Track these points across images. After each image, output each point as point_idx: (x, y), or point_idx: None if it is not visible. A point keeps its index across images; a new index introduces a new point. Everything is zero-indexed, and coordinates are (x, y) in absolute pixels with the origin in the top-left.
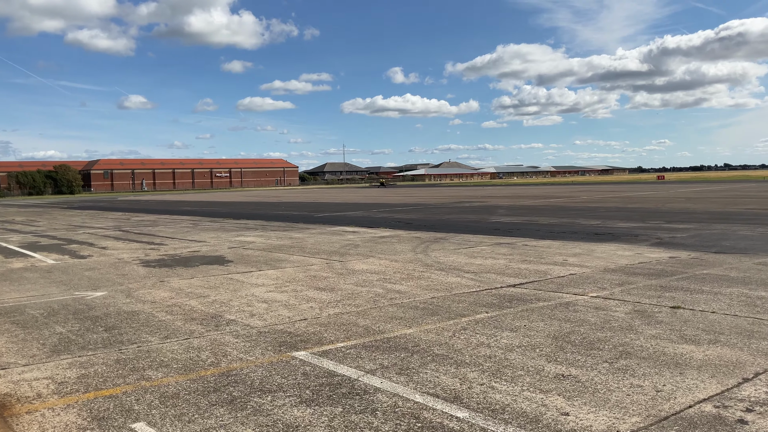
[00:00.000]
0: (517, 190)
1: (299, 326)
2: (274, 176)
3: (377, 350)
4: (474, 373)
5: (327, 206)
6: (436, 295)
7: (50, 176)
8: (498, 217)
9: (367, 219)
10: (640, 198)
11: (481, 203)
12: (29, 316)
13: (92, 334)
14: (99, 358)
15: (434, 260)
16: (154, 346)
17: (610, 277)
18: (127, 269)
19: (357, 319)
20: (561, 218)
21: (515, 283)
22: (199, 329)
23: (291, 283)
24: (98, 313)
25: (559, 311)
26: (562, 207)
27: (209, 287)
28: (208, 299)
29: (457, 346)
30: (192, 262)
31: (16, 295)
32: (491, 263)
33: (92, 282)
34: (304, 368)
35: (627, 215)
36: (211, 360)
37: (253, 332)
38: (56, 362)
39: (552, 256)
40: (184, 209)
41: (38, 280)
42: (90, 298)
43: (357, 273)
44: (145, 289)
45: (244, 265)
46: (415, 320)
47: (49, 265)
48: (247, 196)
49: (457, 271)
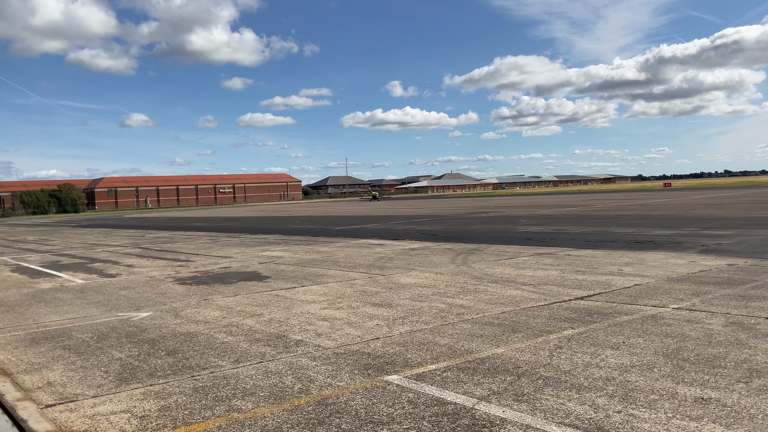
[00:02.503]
0: (526, 200)
1: (375, 346)
2: (277, 191)
3: (476, 373)
4: (601, 398)
5: (340, 219)
6: (504, 310)
7: (54, 195)
8: (523, 227)
9: (389, 231)
10: (658, 205)
11: (497, 213)
12: (79, 341)
13: (155, 359)
14: (173, 386)
15: (481, 272)
16: (228, 371)
17: (680, 287)
18: (163, 287)
19: (434, 338)
20: (590, 227)
21: (582, 295)
22: (269, 351)
23: (342, 299)
24: (152, 335)
25: (649, 325)
26: (584, 216)
27: (258, 305)
28: (263, 318)
29: (563, 366)
30: (228, 278)
31: (56, 317)
32: (543, 275)
33: (132, 302)
34: (407, 395)
35: (656, 222)
36: (298, 387)
37: (327, 354)
38: (128, 392)
39: (603, 266)
40: (196, 225)
41: (74, 301)
42: (136, 319)
43: (406, 287)
44: (191, 308)
45: (284, 281)
46: (498, 338)
47: (80, 285)
48: (254, 211)
49: (513, 284)
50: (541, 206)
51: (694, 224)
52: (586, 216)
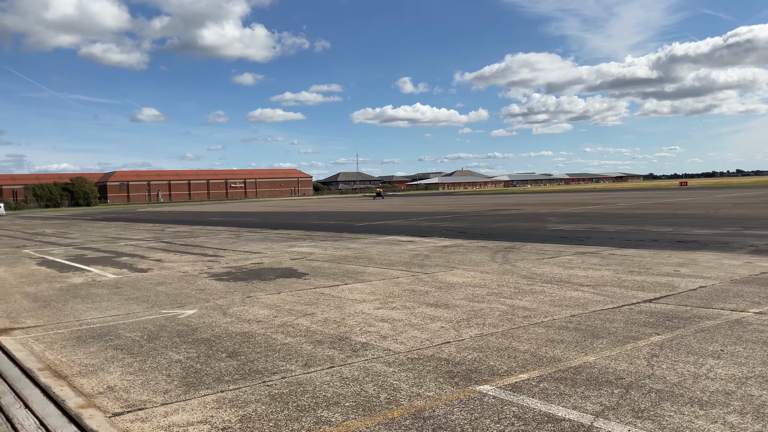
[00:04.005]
0: (543, 198)
1: (449, 351)
2: (288, 186)
3: (576, 384)
4: (732, 415)
5: (358, 216)
6: (573, 313)
7: (67, 188)
8: (553, 225)
9: (414, 228)
10: (683, 204)
11: (517, 211)
12: (129, 340)
13: (217, 362)
14: (247, 393)
15: (528, 271)
16: (301, 376)
17: (749, 289)
18: (200, 283)
19: (511, 343)
20: (623, 225)
21: (649, 297)
22: (337, 355)
23: (392, 298)
24: (205, 335)
25: (740, 332)
26: (611, 214)
27: (307, 304)
28: (317, 318)
29: (670, 378)
30: (264, 275)
31: (97, 314)
32: (597, 275)
33: (172, 298)
34: (510, 409)
35: (690, 221)
36: (384, 396)
37: (401, 359)
38: (200, 400)
39: (655, 266)
40: (213, 220)
41: (111, 297)
42: (183, 316)
43: (456, 286)
44: (236, 306)
45: (324, 278)
46: (581, 344)
47: (113, 280)
48: (268, 206)
49: (569, 285)
50: (561, 204)
51: (731, 224)
52: (613, 214)
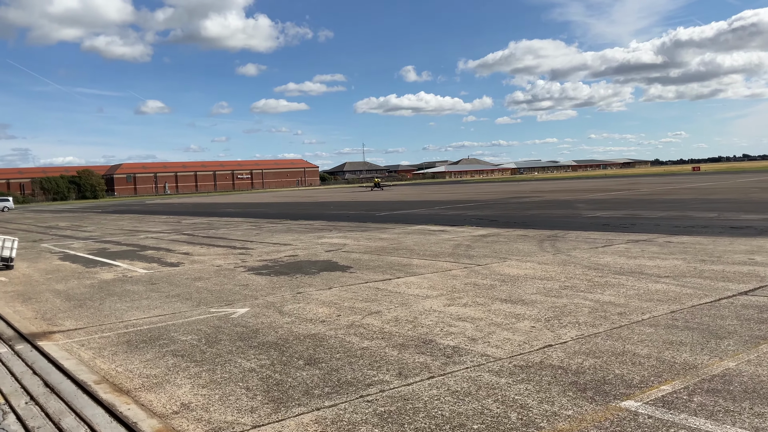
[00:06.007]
0: (558, 185)
1: (559, 357)
2: (294, 176)
3: (735, 397)
4: None
5: (376, 205)
6: (672, 309)
7: (74, 181)
8: (587, 212)
9: (442, 217)
10: (708, 189)
11: (540, 198)
12: (186, 345)
13: (298, 371)
14: (348, 411)
15: (589, 262)
16: (402, 389)
17: None
18: (239, 278)
19: (624, 346)
20: (662, 211)
21: (744, 289)
22: (431, 362)
23: (457, 293)
24: (270, 338)
25: None
26: (640, 199)
27: (366, 300)
28: (385, 317)
29: None
30: (305, 268)
31: (140, 314)
32: (669, 265)
33: (216, 295)
34: None
35: (730, 206)
36: (515, 416)
37: (508, 366)
38: (296, 421)
39: (725, 254)
40: (227, 211)
41: (149, 294)
42: (236, 316)
43: (518, 279)
44: (289, 303)
45: (371, 272)
46: (707, 346)
47: (145, 275)
48: (278, 196)
49: (645, 276)
50: (581, 191)
51: None
52: (642, 200)
